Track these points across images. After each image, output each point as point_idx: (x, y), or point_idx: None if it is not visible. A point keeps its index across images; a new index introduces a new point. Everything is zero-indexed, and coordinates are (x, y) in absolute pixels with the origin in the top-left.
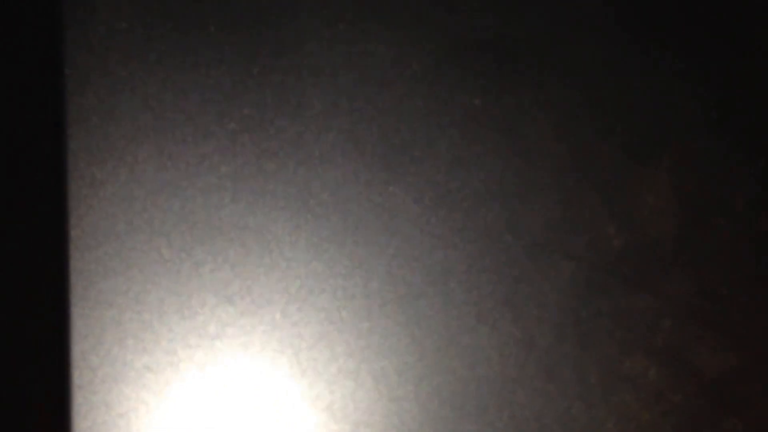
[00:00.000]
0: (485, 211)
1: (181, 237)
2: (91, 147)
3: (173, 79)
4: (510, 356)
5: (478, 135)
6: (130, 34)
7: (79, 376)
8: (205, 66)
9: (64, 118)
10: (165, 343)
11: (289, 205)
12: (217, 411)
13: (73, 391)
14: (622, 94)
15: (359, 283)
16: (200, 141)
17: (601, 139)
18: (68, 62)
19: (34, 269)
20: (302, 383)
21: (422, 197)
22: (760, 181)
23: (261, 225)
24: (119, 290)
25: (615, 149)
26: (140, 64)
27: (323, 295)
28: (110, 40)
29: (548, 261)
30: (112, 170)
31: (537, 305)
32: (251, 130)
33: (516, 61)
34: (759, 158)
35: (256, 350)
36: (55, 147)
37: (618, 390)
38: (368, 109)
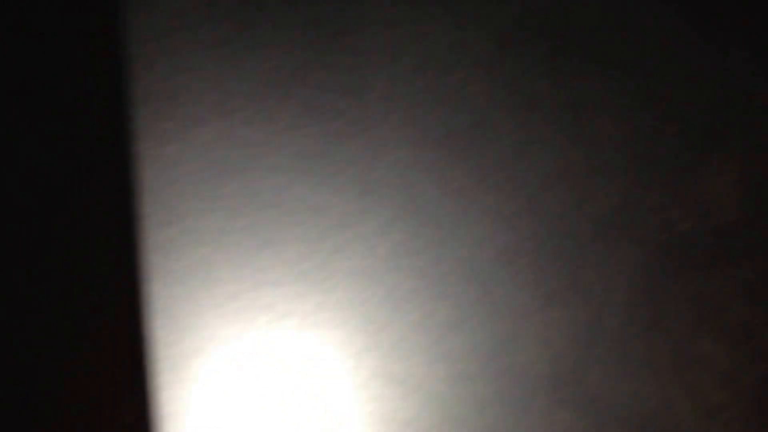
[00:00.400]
0: (551, 194)
1: (249, 217)
2: (158, 129)
3: (237, 60)
4: (580, 337)
5: (541, 118)
6: (193, 16)
7: (156, 351)
8: (267, 48)
9: (130, 100)
10: (235, 322)
11: (355, 186)
12: (289, 385)
13: (151, 366)
14: (689, 78)
15: (428, 264)
16: (265, 122)
17: (666, 123)
18: (133, 45)
19: (106, 252)
20: (375, 359)
21: (487, 180)
22: None
23: (327, 205)
24: (190, 270)
25: (681, 133)
26: (204, 45)
27: (391, 274)
28: (174, 23)
29: (615, 244)
30: (179, 152)
31: (604, 287)
32: (314, 110)
33: (580, 44)
34: None
35: (325, 328)
36: (123, 130)
37: (689, 371)
38: (431, 92)
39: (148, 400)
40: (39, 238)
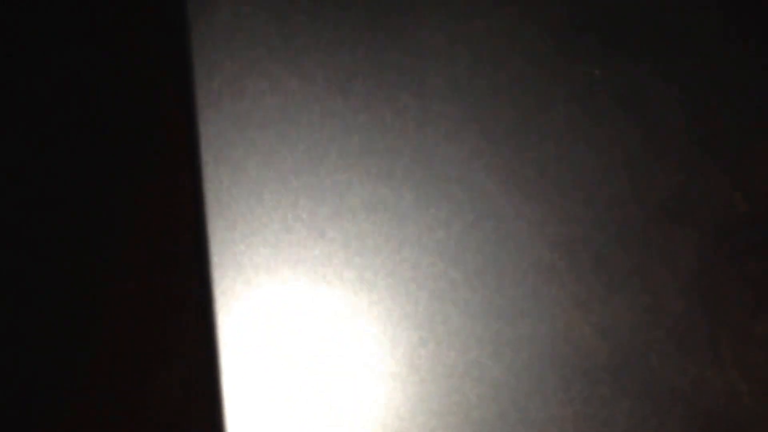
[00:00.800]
0: (609, 181)
1: (314, 215)
2: (223, 131)
3: (298, 60)
4: (641, 324)
5: (598, 106)
6: (254, 17)
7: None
8: (328, 48)
9: (194, 103)
10: (297, 321)
11: (416, 182)
12: (342, 389)
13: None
14: (744, 60)
15: (487, 256)
16: (327, 121)
17: (723, 107)
18: (195, 48)
19: (176, 251)
20: (433, 350)
21: (545, 170)
22: None
23: (389, 201)
24: (258, 268)
25: (738, 115)
26: (265, 47)
27: (453, 268)
28: (235, 24)
29: (675, 228)
30: (245, 153)
31: (665, 272)
32: (375, 107)
33: (632, 33)
34: None
35: (388, 324)
36: (189, 132)
37: (750, 354)
38: (488, 85)
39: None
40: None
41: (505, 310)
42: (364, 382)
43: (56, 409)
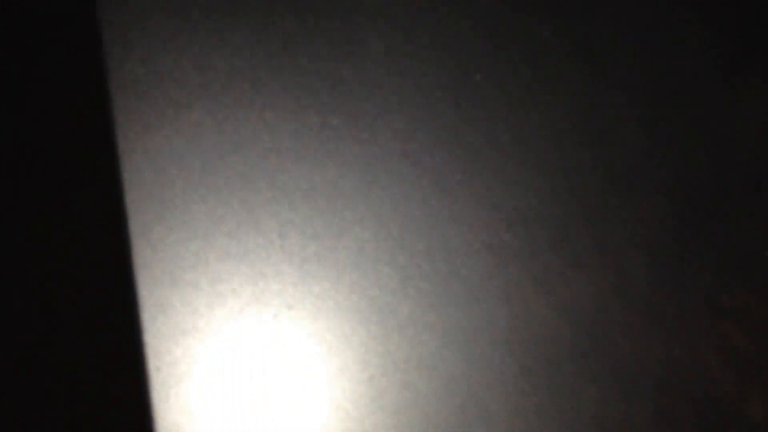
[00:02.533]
0: (567, 149)
1: (244, 204)
2: (140, 117)
3: (221, 35)
4: (605, 303)
5: (551, 70)
6: None
7: (149, 336)
8: (252, 19)
9: (108, 88)
10: (232, 310)
11: (356, 161)
12: (286, 381)
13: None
14: (709, 18)
15: (437, 237)
16: (256, 99)
17: (686, 71)
18: (106, 26)
19: (94, 240)
20: (378, 344)
21: (496, 140)
22: None
23: (327, 183)
24: (182, 259)
25: (701, 80)
26: (183, 21)
27: (401, 252)
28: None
29: (639, 197)
30: (165, 140)
31: (630, 246)
32: (308, 81)
33: None
34: None
35: (333, 319)
36: (103, 120)
37: (721, 328)
38: (430, 52)
39: (144, 405)
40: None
41: (459, 296)
42: (309, 381)
43: None
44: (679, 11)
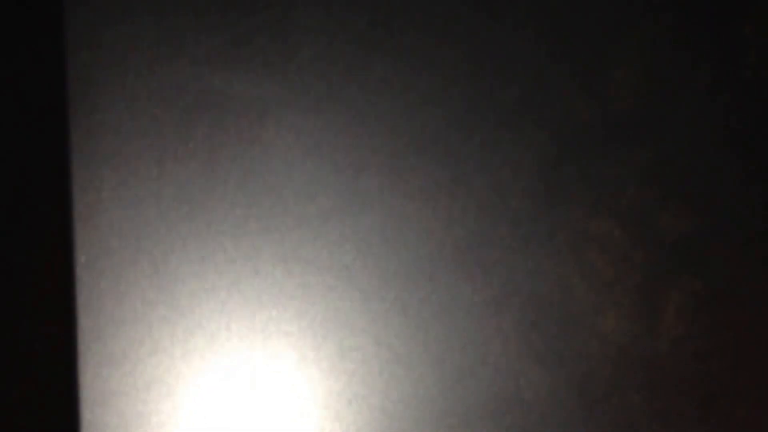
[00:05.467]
0: (458, 82)
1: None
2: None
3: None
4: (485, 218)
5: (447, 8)
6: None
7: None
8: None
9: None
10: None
11: (275, 77)
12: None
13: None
14: None
15: (341, 149)
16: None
17: (572, 14)
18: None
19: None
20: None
21: (396, 68)
22: (724, 61)
23: (247, 94)
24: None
25: (586, 25)
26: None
27: (313, 155)
28: None
29: (521, 130)
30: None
31: (510, 170)
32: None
33: None
34: (720, 42)
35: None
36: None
37: (584, 249)
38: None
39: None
40: None
41: (352, 202)
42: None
43: None
44: None
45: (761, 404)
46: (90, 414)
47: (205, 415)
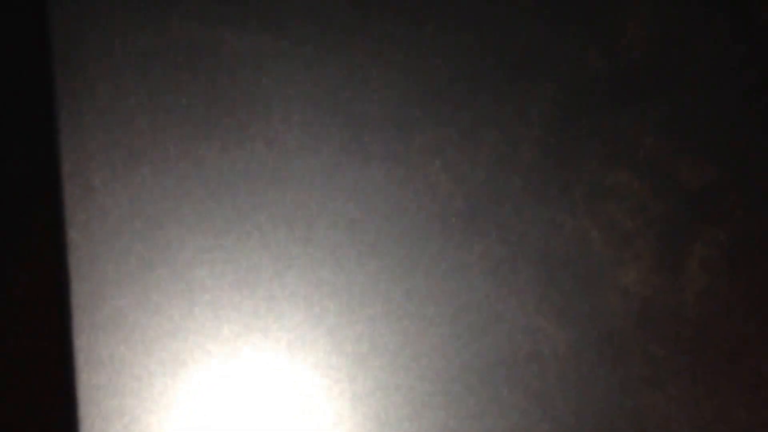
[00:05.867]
0: (466, 33)
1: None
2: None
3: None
4: (496, 171)
5: None
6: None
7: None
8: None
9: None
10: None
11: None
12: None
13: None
14: None
15: (346, 103)
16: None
17: None
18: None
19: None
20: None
21: (399, 18)
22: (739, 8)
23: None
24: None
25: None
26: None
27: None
28: None
29: (532, 81)
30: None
31: (521, 123)
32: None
33: None
34: None
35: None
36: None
37: (602, 202)
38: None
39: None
40: None
41: (356, 155)
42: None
43: None
44: None
45: None
46: (86, 377)
47: (206, 381)
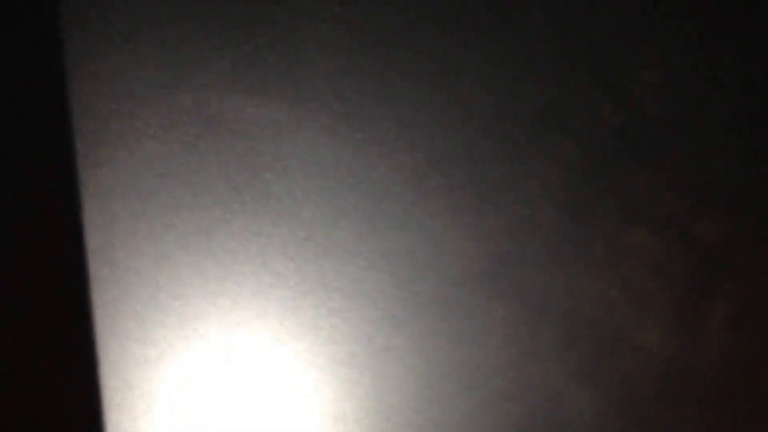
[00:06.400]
0: (479, 93)
1: (183, 135)
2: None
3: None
4: (516, 234)
5: (467, 16)
6: None
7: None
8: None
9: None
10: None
11: (288, 97)
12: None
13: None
14: None
15: (365, 168)
16: (196, 39)
17: (592, 17)
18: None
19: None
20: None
21: (416, 80)
22: (752, 58)
23: (262, 118)
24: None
25: (607, 27)
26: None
27: (331, 180)
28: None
29: (547, 140)
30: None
31: (539, 184)
32: (243, 25)
33: None
34: (748, 39)
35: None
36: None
37: (622, 262)
38: None
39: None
40: None
41: (377, 224)
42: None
43: None
44: None
45: None
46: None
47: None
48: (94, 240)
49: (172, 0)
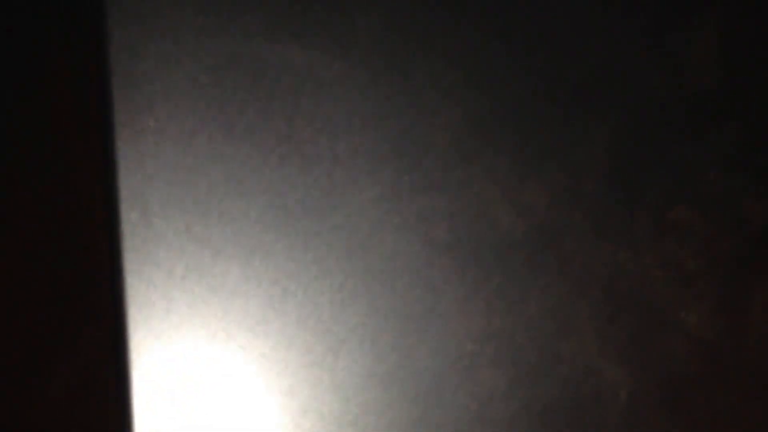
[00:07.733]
0: (528, 56)
1: (229, 80)
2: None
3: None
4: (558, 204)
5: None
6: None
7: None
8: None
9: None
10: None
11: (335, 48)
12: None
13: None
14: None
15: (403, 124)
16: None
17: None
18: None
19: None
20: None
21: (465, 41)
22: None
23: (306, 65)
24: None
25: (658, 2)
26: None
27: (369, 130)
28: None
29: (595, 108)
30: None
31: (584, 154)
32: None
33: None
34: None
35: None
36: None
37: (665, 239)
38: None
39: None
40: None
41: (416, 184)
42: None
43: None
44: None
45: None
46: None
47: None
48: (126, 188)
49: None
